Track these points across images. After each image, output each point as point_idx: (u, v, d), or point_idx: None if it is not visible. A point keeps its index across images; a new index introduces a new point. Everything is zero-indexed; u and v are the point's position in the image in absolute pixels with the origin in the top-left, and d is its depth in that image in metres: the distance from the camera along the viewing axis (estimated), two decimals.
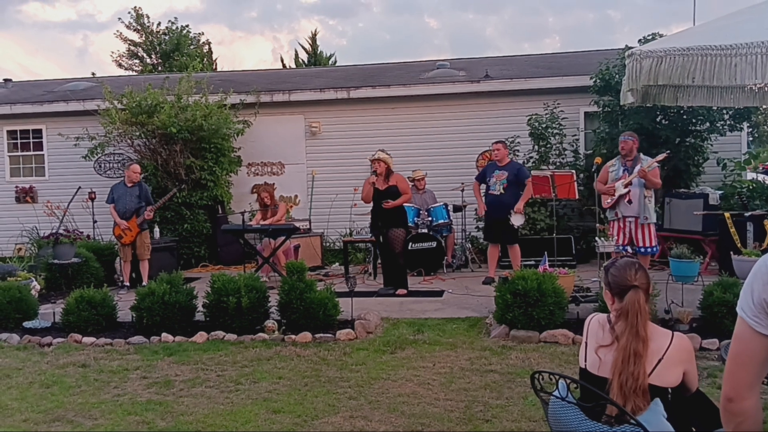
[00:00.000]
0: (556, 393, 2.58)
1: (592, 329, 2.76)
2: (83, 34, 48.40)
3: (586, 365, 2.72)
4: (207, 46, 27.78)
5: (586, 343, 2.75)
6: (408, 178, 10.47)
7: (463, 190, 10.34)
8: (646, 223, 7.44)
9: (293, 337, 6.20)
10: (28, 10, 46.84)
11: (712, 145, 10.36)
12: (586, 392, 2.63)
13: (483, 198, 8.87)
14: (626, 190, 7.42)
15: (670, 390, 2.58)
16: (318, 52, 27.74)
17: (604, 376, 2.61)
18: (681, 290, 6.35)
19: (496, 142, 8.94)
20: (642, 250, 7.47)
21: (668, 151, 7.89)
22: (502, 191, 8.58)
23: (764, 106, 11.01)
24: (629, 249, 7.51)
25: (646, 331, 2.57)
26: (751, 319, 1.66)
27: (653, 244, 7.51)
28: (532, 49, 49.43)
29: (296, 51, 28.84)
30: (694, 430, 2.65)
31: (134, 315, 6.70)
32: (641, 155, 7.61)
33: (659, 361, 2.55)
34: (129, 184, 9.29)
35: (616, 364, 2.55)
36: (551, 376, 2.63)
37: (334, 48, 49.60)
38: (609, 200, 7.58)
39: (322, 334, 6.23)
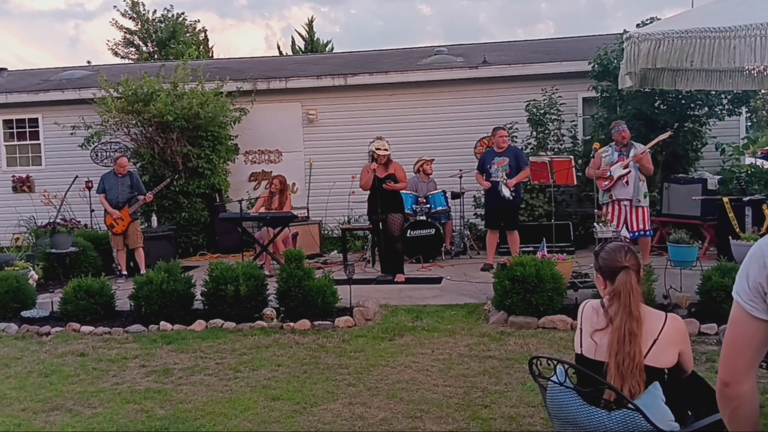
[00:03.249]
0: (554, 378, 2.58)
1: (586, 315, 2.77)
2: (74, 23, 48.17)
3: (581, 350, 2.73)
4: (203, 34, 27.64)
5: (580, 329, 2.77)
6: (421, 160, 10.47)
7: (461, 177, 10.32)
8: (639, 206, 7.59)
9: (292, 324, 6.20)
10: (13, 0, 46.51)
11: (710, 129, 10.34)
12: (583, 377, 2.63)
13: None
14: (625, 170, 7.49)
15: (666, 371, 2.59)
16: (315, 39, 27.59)
17: (601, 359, 2.62)
18: (679, 275, 6.34)
19: (501, 129, 8.90)
20: (637, 234, 7.54)
21: (671, 131, 7.97)
22: (505, 177, 8.55)
23: (763, 90, 10.97)
24: (627, 234, 7.51)
25: (640, 311, 2.59)
26: (747, 304, 1.64)
27: (647, 227, 7.63)
28: (526, 35, 49.38)
29: (293, 38, 28.78)
30: (690, 413, 2.66)
31: (132, 303, 6.69)
32: (633, 142, 7.74)
33: (654, 341, 2.57)
34: (119, 174, 9.24)
35: (612, 345, 2.56)
36: (549, 362, 2.63)
37: (328, 35, 49.44)
38: (606, 182, 7.64)
39: (320, 322, 6.23)
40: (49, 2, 48.42)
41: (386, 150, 8.21)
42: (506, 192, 8.48)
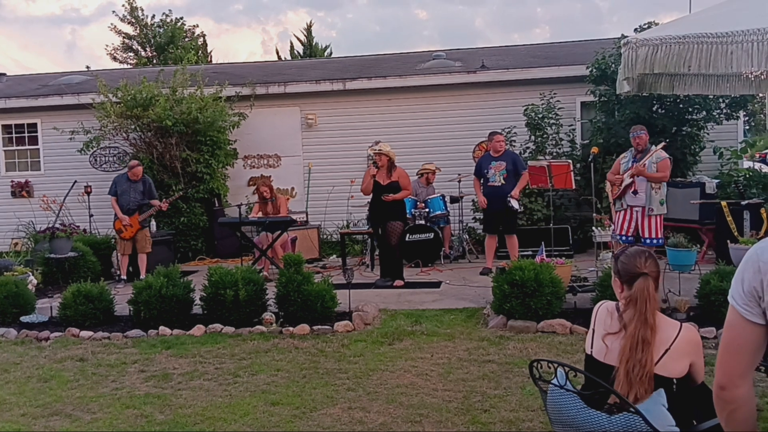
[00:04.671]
0: (554, 381, 2.58)
1: (600, 316, 2.75)
2: (71, 29, 48.22)
3: (592, 352, 2.71)
4: (202, 39, 27.67)
5: (593, 330, 2.75)
6: (423, 167, 10.47)
7: (460, 181, 10.33)
8: (652, 215, 7.17)
9: (291, 329, 6.20)
10: (8, 4, 46.45)
11: (708, 133, 10.37)
12: (589, 381, 2.62)
13: (481, 189, 8.84)
14: (630, 180, 7.25)
15: (675, 381, 2.58)
16: (314, 43, 27.64)
17: (611, 363, 2.61)
18: (678, 279, 6.36)
19: (498, 134, 8.91)
20: (647, 241, 7.32)
21: (666, 140, 7.73)
22: (503, 182, 8.56)
23: (760, 95, 11.00)
24: (631, 240, 7.44)
25: (655, 319, 2.57)
26: (742, 308, 1.66)
27: (659, 236, 7.25)
28: (522, 40, 49.46)
29: (291, 43, 28.78)
30: (695, 422, 2.65)
31: (132, 308, 6.68)
32: (651, 146, 7.32)
33: (666, 351, 2.55)
34: (133, 178, 9.24)
35: (624, 351, 2.54)
36: (550, 365, 2.63)
37: (325, 40, 49.46)
38: (615, 191, 7.42)
39: (319, 326, 6.23)
40: (44, 8, 48.50)
41: (380, 149, 8.18)
42: (515, 204, 8.58)
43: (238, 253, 9.97)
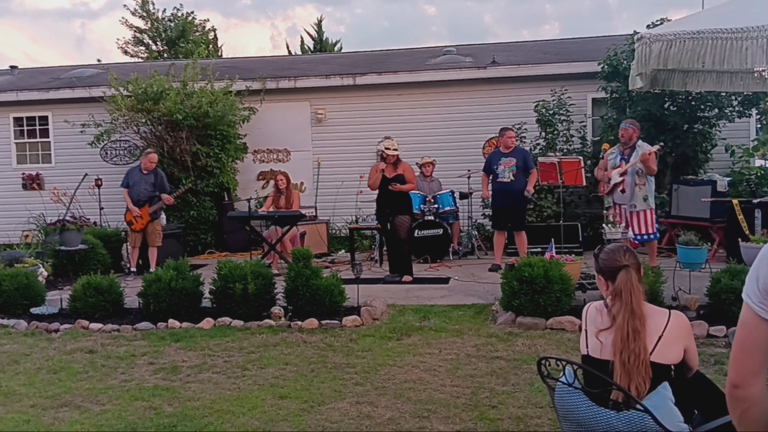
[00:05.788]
0: (562, 379, 2.59)
1: (590, 316, 2.79)
2: (80, 22, 48.41)
3: (588, 351, 2.74)
4: (212, 33, 27.74)
5: (585, 330, 2.78)
6: (416, 163, 10.46)
7: (469, 177, 10.31)
8: (635, 211, 7.33)
9: (299, 323, 6.21)
10: None
11: (720, 131, 10.29)
12: (590, 378, 2.63)
13: (490, 185, 8.83)
14: (621, 179, 7.29)
15: (672, 367, 2.61)
16: (324, 38, 27.63)
17: (607, 358, 2.63)
18: (689, 277, 6.32)
19: (509, 129, 8.88)
20: (638, 237, 7.35)
21: (661, 144, 7.66)
22: (512, 178, 8.54)
23: None
24: (632, 236, 7.45)
25: (642, 309, 2.61)
26: (757, 306, 1.64)
27: (650, 230, 7.36)
28: (531, 36, 49.26)
29: (302, 38, 28.85)
30: (696, 412, 2.66)
31: (141, 301, 6.71)
32: (639, 142, 7.43)
33: (659, 338, 2.59)
34: (145, 171, 9.28)
35: (616, 343, 2.58)
36: (558, 362, 2.64)
37: (333, 35, 49.52)
38: (605, 187, 7.52)
39: (328, 321, 6.24)
40: (53, 2, 48.66)
41: (395, 150, 8.19)
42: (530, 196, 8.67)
43: (248, 247, 10.01)
